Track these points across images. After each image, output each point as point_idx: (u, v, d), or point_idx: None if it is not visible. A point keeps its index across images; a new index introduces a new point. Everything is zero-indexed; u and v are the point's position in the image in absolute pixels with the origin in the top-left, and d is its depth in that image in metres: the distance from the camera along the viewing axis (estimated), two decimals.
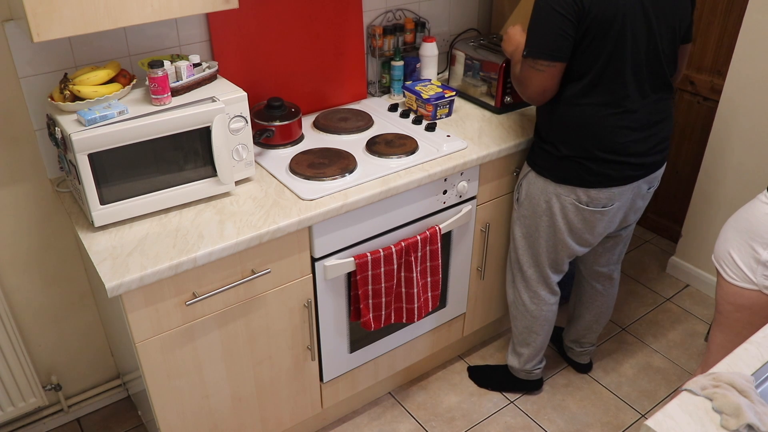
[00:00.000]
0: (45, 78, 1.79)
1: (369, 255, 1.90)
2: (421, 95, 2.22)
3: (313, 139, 2.11)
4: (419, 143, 2.06)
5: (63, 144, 1.61)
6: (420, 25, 2.43)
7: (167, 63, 1.69)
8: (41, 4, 1.40)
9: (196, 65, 1.77)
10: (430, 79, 2.35)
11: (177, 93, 1.72)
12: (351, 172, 1.90)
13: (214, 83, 1.81)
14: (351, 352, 2.12)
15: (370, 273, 1.93)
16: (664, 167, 1.99)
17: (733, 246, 1.59)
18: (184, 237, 1.64)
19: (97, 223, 1.65)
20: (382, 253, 1.92)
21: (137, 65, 1.90)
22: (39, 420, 2.25)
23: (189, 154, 1.71)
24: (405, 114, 2.26)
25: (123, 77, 1.71)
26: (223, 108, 1.70)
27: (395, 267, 1.96)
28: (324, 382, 2.11)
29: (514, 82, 1.93)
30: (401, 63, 2.38)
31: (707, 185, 2.77)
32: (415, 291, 2.04)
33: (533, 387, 2.44)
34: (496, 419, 2.34)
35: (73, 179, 1.67)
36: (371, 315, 2.01)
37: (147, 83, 1.67)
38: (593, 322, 2.37)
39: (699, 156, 2.81)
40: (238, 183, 1.86)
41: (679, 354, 2.62)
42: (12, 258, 1.97)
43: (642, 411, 2.38)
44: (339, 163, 1.93)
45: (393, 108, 2.32)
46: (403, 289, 2.04)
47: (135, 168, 1.64)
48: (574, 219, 1.94)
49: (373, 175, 1.89)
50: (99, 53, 1.84)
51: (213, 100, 1.71)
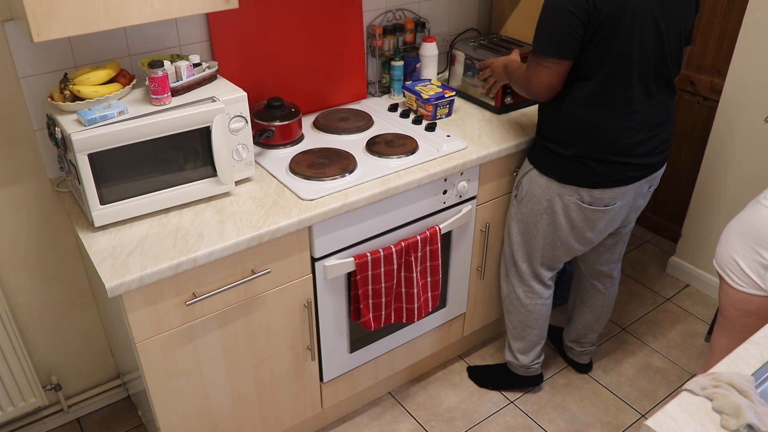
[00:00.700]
0: (45, 78, 1.79)
1: (369, 255, 1.90)
2: (421, 95, 2.22)
3: (313, 139, 2.11)
4: (419, 143, 2.06)
5: (63, 144, 1.61)
6: (420, 25, 2.43)
7: (167, 63, 1.69)
8: (41, 4, 1.40)
9: (196, 65, 1.77)
10: (430, 79, 2.35)
11: (177, 93, 1.72)
12: (351, 172, 1.90)
13: (214, 83, 1.81)
14: (351, 352, 2.12)
15: (370, 273, 1.93)
16: (664, 167, 2.00)
17: (738, 252, 1.57)
18: (184, 237, 1.64)
19: (97, 223, 1.65)
20: (382, 253, 1.92)
21: (137, 65, 1.90)
22: (39, 420, 2.25)
23: (189, 154, 1.71)
24: (405, 114, 2.26)
25: (123, 77, 1.71)
26: (223, 108, 1.70)
27: (395, 267, 1.96)
28: (324, 382, 2.11)
29: (518, 86, 1.93)
30: (401, 63, 2.38)
31: (707, 185, 2.77)
32: (415, 291, 2.04)
33: (533, 383, 2.44)
34: (496, 419, 2.34)
35: (73, 179, 1.67)
36: (371, 315, 2.01)
37: (147, 83, 1.67)
38: (593, 321, 2.37)
39: (699, 156, 2.81)
40: (238, 183, 1.86)
41: (679, 354, 2.62)
42: (12, 258, 1.97)
43: (642, 411, 2.38)
44: (339, 163, 1.93)
45: (393, 108, 2.32)
46: (403, 289, 2.04)
47: (135, 168, 1.64)
48: (576, 218, 1.95)
49: (373, 175, 1.89)
50: (99, 53, 1.84)
51: (213, 100, 1.71)
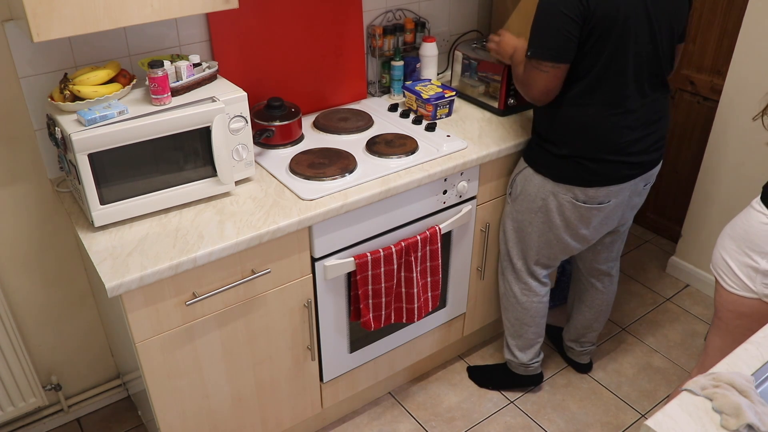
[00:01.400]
0: (45, 78, 1.79)
1: (369, 255, 1.90)
2: (421, 95, 2.22)
3: (313, 139, 2.11)
4: (419, 143, 2.06)
5: (63, 144, 1.61)
6: (420, 25, 2.43)
7: (167, 63, 1.69)
8: (41, 4, 1.40)
9: (196, 65, 1.77)
10: (430, 79, 2.35)
11: (177, 93, 1.72)
12: (351, 172, 1.90)
13: (214, 83, 1.81)
14: (351, 352, 2.12)
15: (370, 273, 1.93)
16: (660, 165, 2.00)
17: (731, 255, 1.59)
18: (184, 237, 1.64)
19: (97, 223, 1.65)
20: (382, 253, 1.92)
21: (137, 65, 1.90)
22: (39, 420, 2.25)
23: (189, 154, 1.71)
24: (405, 114, 2.26)
25: (123, 77, 1.71)
26: (223, 108, 1.70)
27: (395, 267, 1.96)
28: (324, 382, 2.11)
29: (516, 83, 1.93)
30: (401, 63, 2.38)
31: (707, 185, 2.77)
32: (415, 291, 2.04)
33: (533, 382, 2.44)
34: (496, 419, 2.34)
35: (73, 179, 1.67)
36: (371, 315, 2.00)
37: (147, 83, 1.67)
38: (593, 320, 2.37)
39: (699, 156, 2.81)
40: (238, 183, 1.86)
41: (679, 354, 2.62)
42: (12, 258, 1.97)
43: (642, 411, 2.38)
44: (339, 163, 1.93)
45: (393, 108, 2.32)
46: (403, 289, 2.04)
47: (135, 168, 1.64)
48: (570, 215, 1.95)
49: (373, 175, 1.89)
50: (99, 53, 1.84)
51: (213, 100, 1.71)
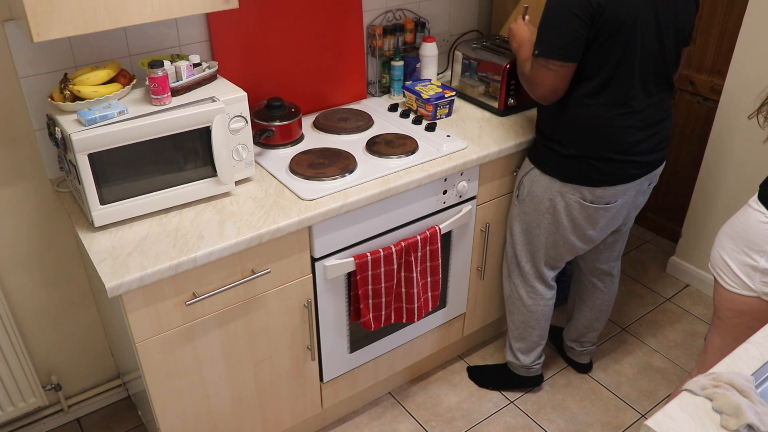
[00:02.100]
0: (45, 78, 1.79)
1: (369, 255, 1.90)
2: (421, 95, 2.22)
3: (313, 139, 2.11)
4: (419, 143, 2.06)
5: (63, 144, 1.61)
6: (420, 25, 2.43)
7: (167, 63, 1.69)
8: (41, 4, 1.40)
9: (196, 65, 1.77)
10: (430, 79, 2.35)
11: (177, 93, 1.72)
12: (351, 172, 1.90)
13: (214, 83, 1.81)
14: (351, 352, 2.12)
15: (370, 273, 1.93)
16: (663, 165, 2.00)
17: (729, 254, 1.59)
18: (184, 237, 1.64)
19: (97, 223, 1.65)
20: (382, 253, 1.92)
21: (137, 65, 1.90)
22: (39, 420, 2.25)
23: (189, 154, 1.71)
24: (405, 114, 2.26)
25: (123, 77, 1.71)
26: (223, 108, 1.70)
27: (395, 267, 1.96)
28: (324, 382, 2.11)
29: (522, 80, 1.92)
30: (401, 63, 2.38)
31: (707, 185, 2.77)
32: (415, 291, 2.04)
33: (533, 383, 2.44)
34: (496, 419, 2.34)
35: (73, 179, 1.67)
36: (371, 315, 2.00)
37: (147, 83, 1.67)
38: (594, 320, 2.37)
39: (699, 156, 2.81)
40: (238, 183, 1.86)
41: (679, 354, 2.62)
42: (12, 258, 1.97)
43: (642, 411, 2.38)
44: (339, 163, 1.93)
45: (393, 108, 2.32)
46: (403, 289, 2.04)
47: (135, 168, 1.64)
48: (578, 216, 1.95)
49: (373, 175, 1.89)
50: (99, 53, 1.84)
51: (213, 100, 1.71)
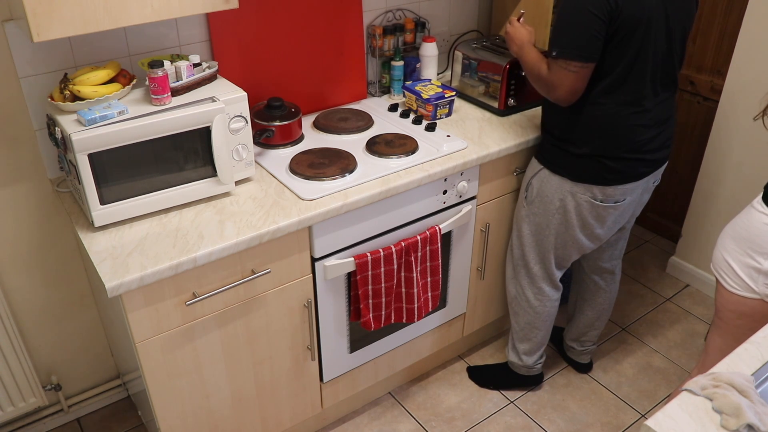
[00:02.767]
0: (45, 78, 1.79)
1: (369, 255, 1.90)
2: (421, 95, 2.22)
3: (313, 139, 2.11)
4: (419, 143, 2.06)
5: (63, 144, 1.61)
6: (420, 25, 2.43)
7: (167, 63, 1.69)
8: (41, 4, 1.40)
9: (196, 65, 1.77)
10: (430, 79, 2.35)
11: (177, 93, 1.72)
12: (351, 172, 1.90)
13: (214, 83, 1.81)
14: (351, 352, 2.12)
15: (370, 273, 1.93)
16: (666, 162, 2.02)
17: (732, 255, 1.59)
18: (184, 237, 1.64)
19: (97, 223, 1.65)
20: (382, 253, 1.92)
21: (137, 65, 1.90)
22: (39, 420, 2.25)
23: (189, 154, 1.71)
24: (405, 114, 2.26)
25: (123, 77, 1.71)
26: (223, 108, 1.70)
27: (395, 267, 1.96)
28: (324, 382, 2.11)
29: (536, 82, 1.87)
30: (401, 63, 2.38)
31: (707, 185, 2.77)
32: (415, 291, 2.04)
33: (534, 382, 2.44)
34: (496, 419, 2.34)
35: (73, 179, 1.67)
36: (371, 315, 2.00)
37: (147, 83, 1.67)
38: (595, 319, 2.37)
39: (699, 156, 2.81)
40: (238, 183, 1.86)
41: (679, 354, 2.62)
42: (12, 258, 1.97)
43: (642, 411, 2.38)
44: (339, 163, 1.93)
45: (393, 108, 2.32)
46: (403, 289, 2.04)
47: (135, 168, 1.64)
48: (587, 215, 1.96)
49: (373, 175, 1.89)
50: (99, 53, 1.84)
51: (213, 100, 1.71)
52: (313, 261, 1.86)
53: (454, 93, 2.24)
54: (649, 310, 2.86)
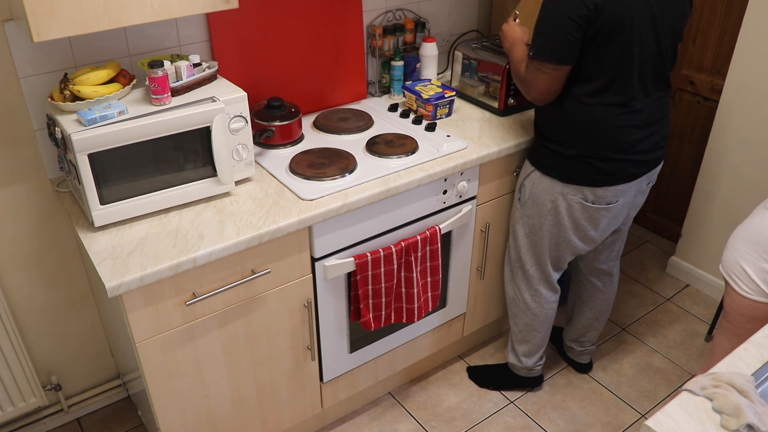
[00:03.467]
0: (45, 78, 1.79)
1: (369, 255, 1.90)
2: (421, 95, 2.22)
3: (313, 139, 2.11)
4: (419, 143, 2.06)
5: (63, 144, 1.61)
6: (420, 25, 2.43)
7: (167, 63, 1.69)
8: (41, 4, 1.40)
9: (196, 65, 1.77)
10: (430, 79, 2.35)
11: (177, 93, 1.72)
12: (351, 172, 1.90)
13: (214, 83, 1.81)
14: (351, 352, 2.12)
15: (370, 273, 1.93)
16: (662, 164, 2.01)
17: (746, 259, 1.57)
18: (184, 237, 1.64)
19: (97, 223, 1.65)
20: (382, 253, 1.92)
21: (137, 65, 1.90)
22: (39, 420, 2.25)
23: (189, 154, 1.71)
24: (405, 114, 2.26)
25: (123, 77, 1.72)
26: (223, 108, 1.70)
27: (395, 267, 1.96)
28: (324, 382, 2.11)
29: (516, 80, 1.93)
30: (401, 63, 2.38)
31: (707, 185, 2.77)
32: (415, 291, 2.04)
33: (534, 383, 2.44)
34: (496, 419, 2.34)
35: (73, 179, 1.67)
36: (371, 315, 2.00)
37: (147, 83, 1.67)
38: (593, 320, 2.37)
39: (699, 156, 2.81)
40: (238, 183, 1.86)
41: (679, 354, 2.62)
42: (12, 258, 1.97)
43: (642, 411, 2.38)
44: (339, 163, 1.93)
45: (393, 108, 2.32)
46: (403, 289, 2.04)
47: (135, 168, 1.64)
48: (579, 217, 1.95)
49: (373, 175, 1.89)
50: (99, 53, 1.84)
51: (213, 100, 1.71)
52: (313, 261, 1.86)
53: (454, 93, 2.24)
54: (649, 310, 2.86)
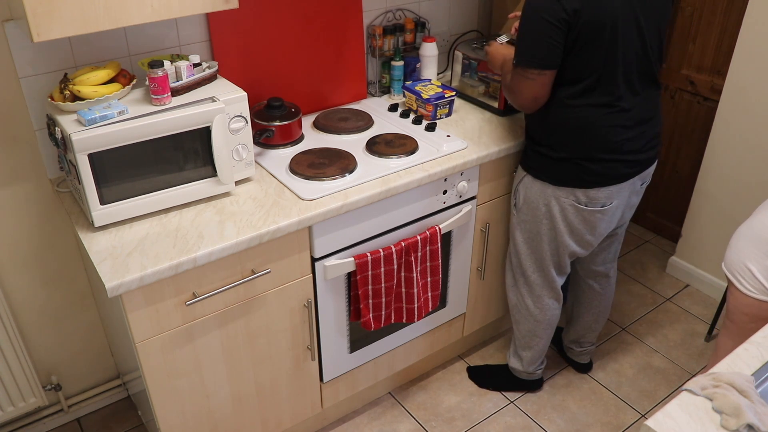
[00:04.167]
0: (45, 78, 1.79)
1: (369, 255, 1.90)
2: (421, 95, 2.22)
3: (313, 139, 2.11)
4: (419, 143, 2.06)
5: (63, 144, 1.61)
6: (420, 25, 2.43)
7: (167, 63, 1.69)
8: (41, 4, 1.40)
9: (196, 65, 1.77)
10: (430, 79, 2.35)
11: (177, 93, 1.72)
12: (351, 172, 1.90)
13: (214, 83, 1.81)
14: (351, 352, 2.12)
15: (370, 273, 1.93)
16: (656, 163, 2.01)
17: (750, 258, 1.57)
18: (184, 237, 1.64)
19: (97, 223, 1.65)
20: (382, 253, 1.92)
21: (137, 65, 1.90)
22: (39, 420, 2.25)
23: (189, 154, 1.71)
24: (405, 114, 2.26)
25: (123, 77, 1.72)
26: (223, 108, 1.70)
27: (395, 267, 1.96)
28: (324, 382, 2.11)
29: (504, 91, 1.94)
30: (401, 63, 2.38)
31: (707, 185, 2.77)
32: (415, 291, 2.04)
33: (534, 386, 2.44)
34: (496, 419, 2.34)
35: (73, 179, 1.67)
36: (371, 315, 2.01)
37: (147, 83, 1.67)
38: (592, 321, 2.37)
39: (699, 156, 2.81)
40: (238, 183, 1.86)
41: (679, 354, 2.62)
42: (12, 258, 1.97)
43: (642, 411, 2.38)
44: (339, 163, 1.93)
45: (393, 108, 2.32)
46: (403, 289, 2.04)
47: (135, 168, 1.64)
48: (574, 220, 1.95)
49: (373, 175, 1.89)
50: (99, 53, 1.84)
51: (213, 100, 1.71)
52: (313, 261, 1.86)
53: (454, 93, 2.24)
54: (649, 310, 2.86)
